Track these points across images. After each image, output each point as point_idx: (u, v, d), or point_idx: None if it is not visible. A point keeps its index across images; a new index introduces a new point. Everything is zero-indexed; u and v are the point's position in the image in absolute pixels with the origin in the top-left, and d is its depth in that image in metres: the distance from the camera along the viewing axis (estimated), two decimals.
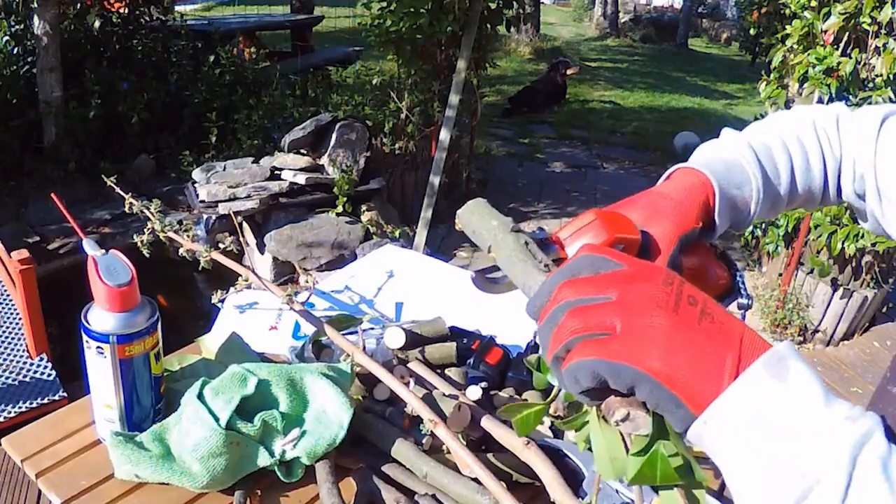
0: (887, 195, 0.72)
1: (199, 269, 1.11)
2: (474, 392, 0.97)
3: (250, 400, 0.91)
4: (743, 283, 0.78)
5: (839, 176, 0.78)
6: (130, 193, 1.14)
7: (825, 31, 3.18)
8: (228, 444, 0.85)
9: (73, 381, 2.66)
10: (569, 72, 8.11)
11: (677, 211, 0.69)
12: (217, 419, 0.87)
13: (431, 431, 0.85)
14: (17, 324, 2.92)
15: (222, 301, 1.19)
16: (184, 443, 0.87)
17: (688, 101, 9.03)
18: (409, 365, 1.01)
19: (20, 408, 2.53)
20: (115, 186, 1.15)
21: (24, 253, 2.57)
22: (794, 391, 0.42)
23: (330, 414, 0.92)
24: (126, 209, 1.15)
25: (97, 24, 4.98)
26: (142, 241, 1.12)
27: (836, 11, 3.10)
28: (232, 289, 1.08)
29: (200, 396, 0.90)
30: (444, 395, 0.95)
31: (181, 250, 1.12)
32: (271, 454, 0.89)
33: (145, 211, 1.12)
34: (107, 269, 0.86)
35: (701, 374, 0.44)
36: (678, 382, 0.44)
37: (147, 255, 1.13)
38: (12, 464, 2.19)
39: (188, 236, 1.12)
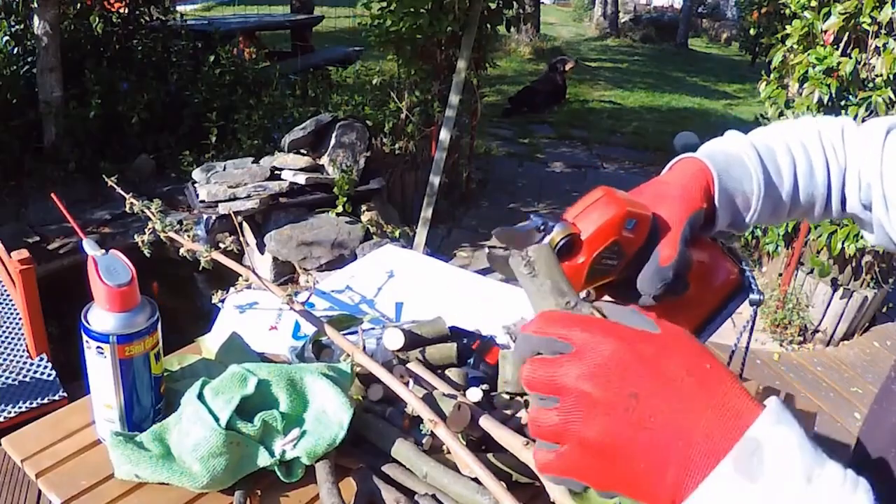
0: (894, 203, 0.72)
1: (200, 269, 1.11)
2: (475, 394, 0.96)
3: (250, 400, 0.91)
4: (753, 278, 0.77)
5: (844, 186, 0.78)
6: (131, 193, 1.14)
7: (825, 31, 3.18)
8: (228, 445, 0.85)
9: (73, 381, 2.66)
10: (567, 66, 8.11)
11: (682, 194, 0.69)
12: (217, 419, 0.87)
13: (431, 431, 0.85)
14: (17, 324, 2.92)
15: (222, 301, 1.19)
16: (184, 443, 0.87)
17: (688, 101, 9.03)
18: (408, 365, 1.01)
19: (20, 408, 2.53)
20: (115, 186, 1.15)
21: (24, 253, 2.57)
22: (771, 487, 0.38)
23: (330, 414, 0.92)
24: (126, 209, 1.15)
25: (100, 25, 4.98)
26: (143, 241, 1.11)
27: (836, 11, 3.09)
28: (232, 289, 1.08)
29: (200, 396, 0.90)
30: (443, 395, 0.95)
31: (182, 250, 1.12)
32: (271, 454, 0.89)
33: (146, 211, 1.12)
34: (107, 269, 0.86)
35: (644, 496, 0.41)
36: (630, 495, 0.42)
37: (148, 255, 1.13)
38: (12, 464, 2.19)
39: (188, 236, 1.11)
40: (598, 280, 0.66)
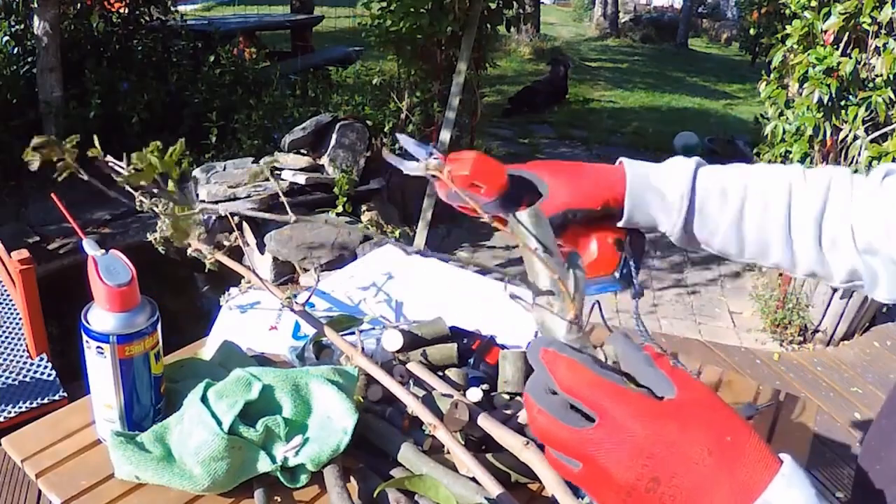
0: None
1: (206, 270, 1.11)
2: (475, 394, 0.97)
3: (254, 404, 0.91)
4: (635, 273, 0.80)
5: (820, 234, 0.75)
6: (139, 191, 1.14)
7: (825, 31, 3.18)
8: (230, 449, 0.85)
9: (73, 381, 2.66)
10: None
11: (577, 185, 0.76)
12: (220, 423, 0.87)
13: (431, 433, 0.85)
14: (17, 324, 2.92)
15: (229, 302, 1.19)
16: (186, 445, 0.87)
17: (688, 101, 9.03)
18: (408, 366, 1.01)
19: (20, 408, 2.53)
20: (125, 185, 1.14)
21: (24, 253, 2.57)
22: None
23: (335, 420, 0.92)
24: (136, 206, 1.15)
25: (100, 25, 4.98)
26: (155, 239, 1.12)
27: (836, 11, 3.09)
28: (235, 289, 1.08)
29: (204, 399, 0.90)
30: (442, 394, 0.95)
31: (189, 251, 1.11)
32: (273, 460, 0.89)
33: (154, 210, 1.12)
34: (107, 269, 0.86)
35: None
36: None
37: (163, 252, 1.13)
38: (12, 464, 2.19)
39: (195, 235, 1.11)
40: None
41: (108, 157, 0.72)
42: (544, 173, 0.78)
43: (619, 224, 0.78)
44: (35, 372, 2.70)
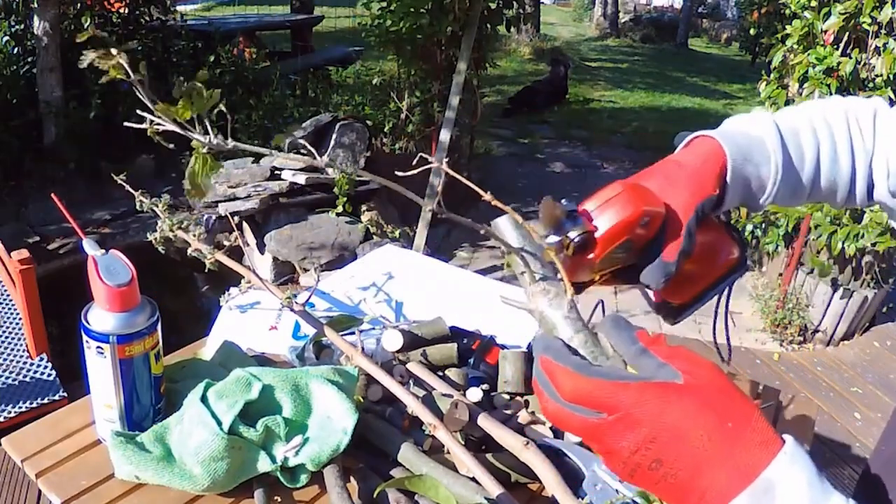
0: None
1: (206, 270, 1.11)
2: (475, 394, 0.97)
3: (254, 404, 0.91)
4: (748, 252, 0.79)
5: (871, 173, 0.76)
6: (140, 191, 1.14)
7: (825, 31, 3.18)
8: (230, 449, 0.85)
9: (73, 381, 2.66)
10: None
11: (693, 179, 0.69)
12: (220, 423, 0.87)
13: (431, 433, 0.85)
14: (17, 324, 2.92)
15: (229, 302, 1.19)
16: (186, 444, 0.87)
17: (688, 101, 9.03)
18: (408, 366, 1.01)
19: (20, 408, 2.53)
20: (124, 184, 1.15)
21: (24, 253, 2.57)
22: None
23: (335, 420, 0.91)
24: (136, 206, 1.15)
25: (91, 28, 4.97)
26: (155, 239, 1.12)
27: (836, 11, 3.09)
28: (235, 289, 1.08)
29: (204, 399, 0.90)
30: (442, 394, 0.95)
31: (189, 250, 1.11)
32: (273, 460, 0.89)
33: (154, 209, 1.12)
34: (107, 269, 0.86)
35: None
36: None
37: (162, 252, 1.13)
38: (12, 464, 2.19)
39: (195, 235, 1.12)
40: (604, 270, 0.67)
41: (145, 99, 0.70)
42: (654, 184, 0.70)
43: (727, 205, 0.73)
44: (35, 372, 2.70)
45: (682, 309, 0.76)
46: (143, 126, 0.68)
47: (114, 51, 0.66)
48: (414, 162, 0.67)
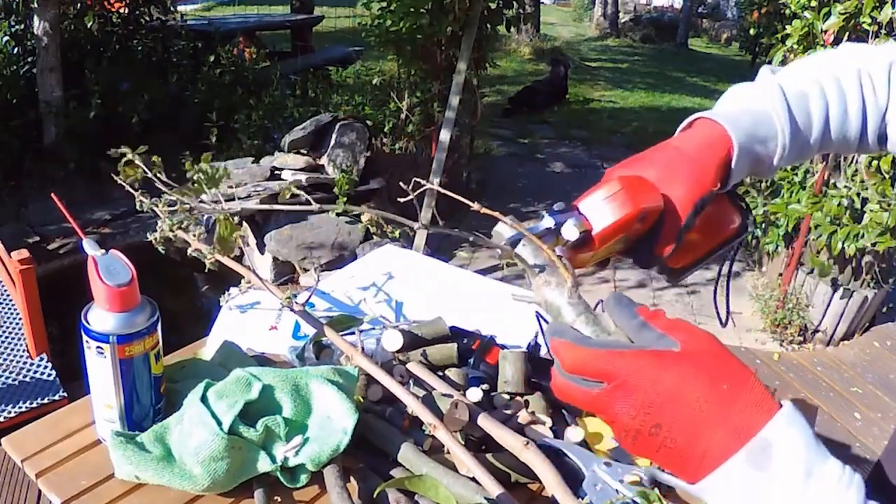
0: None
1: (206, 270, 1.11)
2: (475, 394, 0.97)
3: (254, 404, 0.91)
4: (752, 218, 0.78)
5: (884, 125, 0.75)
6: (140, 191, 1.14)
7: (825, 31, 3.18)
8: (230, 449, 0.85)
9: (73, 381, 2.66)
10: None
11: (694, 170, 0.68)
12: (220, 423, 0.87)
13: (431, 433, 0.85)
14: (17, 324, 2.92)
15: (229, 302, 1.19)
16: (186, 444, 0.87)
17: (688, 101, 9.03)
18: (408, 366, 1.01)
19: (20, 408, 2.53)
20: (124, 184, 1.15)
21: (24, 253, 2.57)
22: (775, 477, 0.44)
23: (335, 420, 0.91)
24: (136, 206, 1.15)
25: (94, 26, 4.97)
26: (155, 239, 1.12)
27: (836, 11, 3.09)
28: (235, 289, 1.09)
29: (204, 399, 0.90)
30: (442, 394, 0.95)
31: (189, 250, 1.12)
32: (273, 460, 0.89)
33: (154, 209, 1.12)
34: (107, 269, 0.86)
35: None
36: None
37: (162, 252, 1.13)
38: (12, 464, 2.19)
39: (195, 235, 1.12)
40: (600, 258, 0.69)
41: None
42: (652, 173, 0.69)
43: (732, 183, 0.72)
44: (35, 372, 2.70)
45: (682, 271, 0.76)
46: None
47: (130, 154, 0.73)
48: (410, 188, 0.67)
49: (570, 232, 0.63)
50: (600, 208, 0.65)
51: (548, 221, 0.64)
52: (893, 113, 0.74)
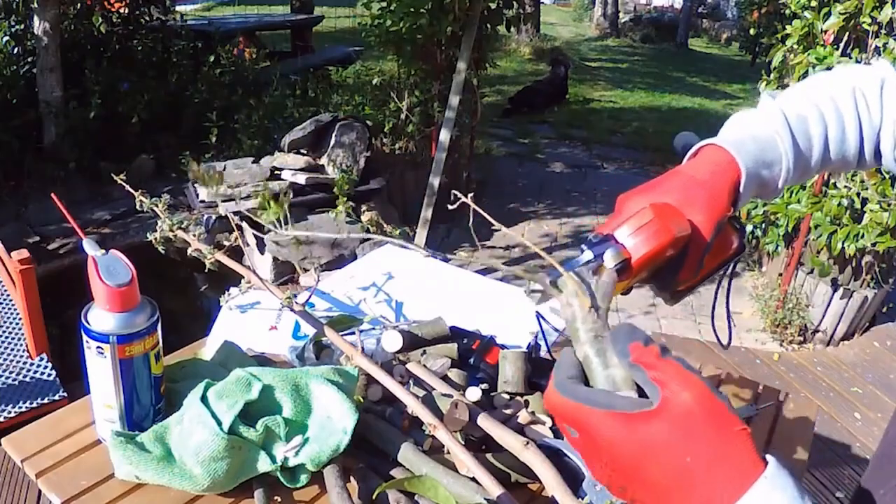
0: None
1: (206, 270, 1.11)
2: (474, 393, 0.97)
3: (254, 404, 0.91)
4: (746, 237, 0.82)
5: (878, 142, 0.77)
6: (140, 191, 1.14)
7: (825, 31, 3.18)
8: (230, 449, 0.85)
9: (73, 381, 2.66)
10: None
11: (710, 198, 0.70)
12: (220, 423, 0.87)
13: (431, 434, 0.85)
14: (17, 324, 2.92)
15: (229, 302, 1.19)
16: (186, 444, 0.87)
17: (688, 101, 9.03)
18: (408, 366, 1.01)
19: (20, 408, 2.53)
20: (124, 184, 1.15)
21: (24, 253, 2.57)
22: None
23: (335, 420, 0.91)
24: (136, 206, 1.15)
25: (102, 26, 4.98)
26: (155, 239, 1.12)
27: (836, 11, 3.09)
28: (235, 289, 1.09)
29: (204, 399, 0.90)
30: (442, 394, 0.95)
31: (189, 250, 1.12)
32: (273, 460, 0.89)
33: (154, 209, 1.12)
34: (107, 269, 0.86)
35: None
36: None
37: (162, 252, 1.13)
38: (12, 464, 2.19)
39: (195, 235, 1.12)
40: (627, 287, 0.72)
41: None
42: (672, 199, 0.71)
43: (739, 207, 0.74)
44: (35, 372, 2.70)
45: (681, 293, 0.78)
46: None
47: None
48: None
49: (612, 260, 0.65)
50: (636, 237, 0.66)
51: (587, 255, 0.66)
52: (886, 130, 0.76)
